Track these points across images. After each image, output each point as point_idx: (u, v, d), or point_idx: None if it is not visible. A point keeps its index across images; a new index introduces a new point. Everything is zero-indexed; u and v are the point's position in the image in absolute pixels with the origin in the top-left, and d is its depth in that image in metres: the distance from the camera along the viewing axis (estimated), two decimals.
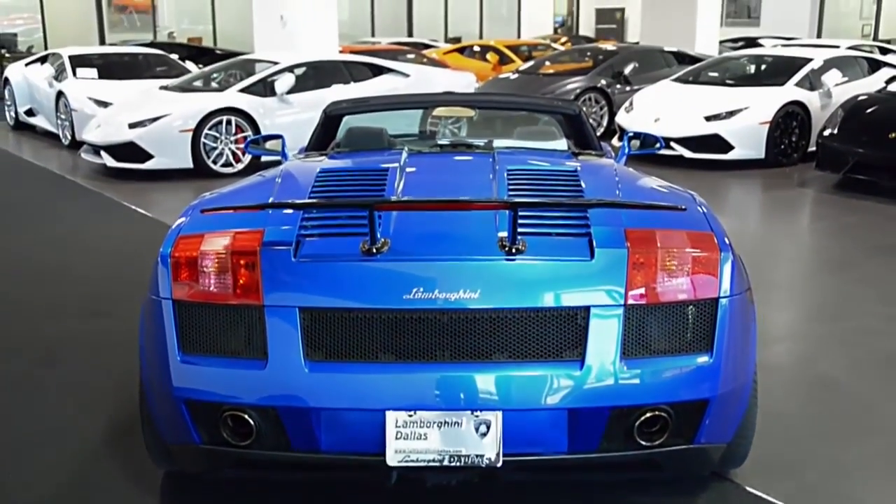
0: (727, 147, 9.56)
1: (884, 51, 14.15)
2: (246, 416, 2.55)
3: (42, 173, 9.87)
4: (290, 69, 9.92)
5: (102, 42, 19.25)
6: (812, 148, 9.44)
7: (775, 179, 9.23)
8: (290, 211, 2.76)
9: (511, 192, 2.97)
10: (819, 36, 21.18)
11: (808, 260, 6.62)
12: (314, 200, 2.92)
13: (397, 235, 2.65)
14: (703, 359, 2.58)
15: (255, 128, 9.36)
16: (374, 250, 2.58)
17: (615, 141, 10.47)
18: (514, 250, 2.57)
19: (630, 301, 2.54)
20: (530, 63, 14.21)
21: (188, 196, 8.14)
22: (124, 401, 3.76)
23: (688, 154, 9.64)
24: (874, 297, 5.36)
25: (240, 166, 9.37)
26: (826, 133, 8.64)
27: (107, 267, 6.05)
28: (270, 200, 2.97)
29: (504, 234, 2.62)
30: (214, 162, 9.27)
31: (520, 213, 2.56)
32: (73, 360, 4.36)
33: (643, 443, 2.57)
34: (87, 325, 4.88)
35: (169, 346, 2.62)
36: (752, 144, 9.57)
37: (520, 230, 2.58)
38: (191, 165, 9.16)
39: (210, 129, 9.19)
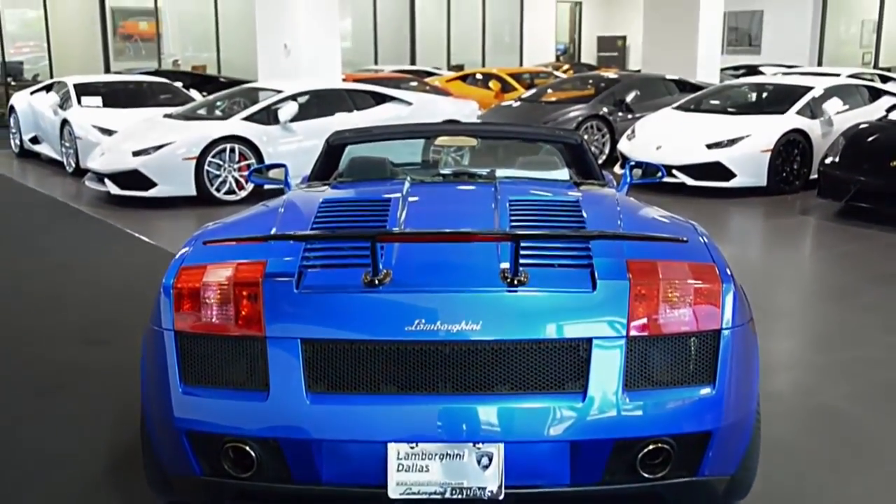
0: (729, 175, 9.59)
1: (884, 79, 14.24)
2: (247, 448, 2.54)
3: (46, 201, 9.91)
4: (294, 97, 9.98)
5: (108, 70, 19.39)
6: (814, 176, 9.46)
7: (777, 207, 9.25)
8: (292, 242, 2.77)
9: (513, 223, 2.98)
10: (820, 64, 21.29)
11: (810, 288, 6.62)
12: (316, 232, 2.93)
13: (399, 266, 2.66)
14: (705, 391, 2.57)
15: (259, 156, 9.41)
16: (377, 282, 2.58)
17: (617, 168, 10.51)
18: (515, 282, 2.57)
19: (632, 333, 2.54)
20: (532, 91, 14.28)
21: (191, 224, 8.18)
22: (125, 430, 3.75)
23: (690, 182, 9.67)
24: (876, 325, 5.36)
25: (243, 194, 9.42)
26: (827, 161, 8.66)
27: (109, 294, 6.05)
28: (273, 231, 2.99)
29: (506, 265, 2.62)
30: (218, 189, 9.31)
31: (522, 245, 2.57)
32: (75, 389, 4.35)
33: (646, 475, 2.55)
34: (88, 352, 4.88)
35: (170, 377, 2.62)
36: (753, 172, 9.60)
37: (522, 261, 2.58)
38: (194, 193, 9.20)
39: (214, 156, 9.24)
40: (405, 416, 2.49)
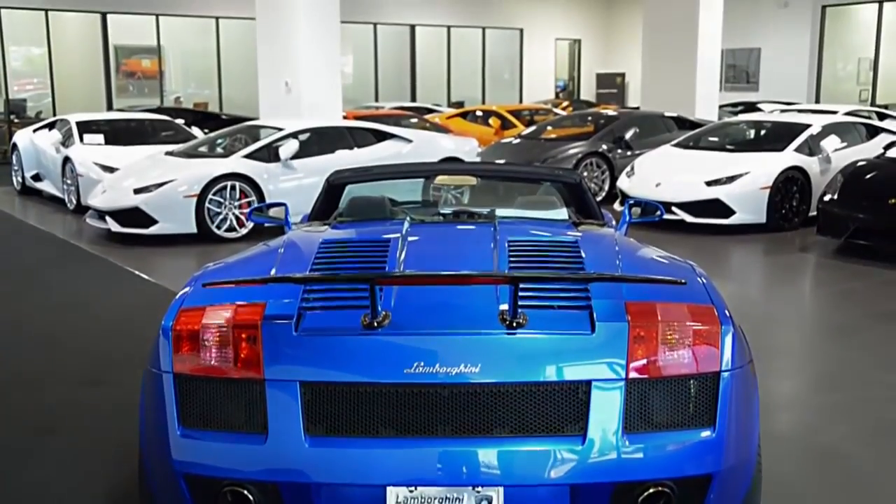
0: (728, 212, 9.62)
1: (881, 116, 14.30)
2: (245, 492, 2.52)
3: (47, 238, 9.93)
4: (295, 135, 10.03)
5: (110, 107, 19.52)
6: (813, 213, 9.49)
7: (776, 244, 9.26)
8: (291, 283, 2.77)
9: (512, 264, 2.99)
10: (817, 101, 21.41)
11: (810, 326, 6.61)
12: (315, 275, 2.93)
13: (398, 308, 2.66)
14: (705, 433, 2.56)
15: (260, 193, 9.44)
16: (376, 324, 2.58)
17: (616, 205, 10.54)
18: (514, 324, 2.57)
19: (631, 375, 2.54)
20: (532, 128, 14.35)
21: (192, 261, 8.20)
22: (123, 472, 3.73)
23: (689, 219, 9.70)
24: (876, 364, 5.34)
25: (243, 231, 9.44)
26: (826, 198, 8.69)
27: (110, 333, 6.04)
28: (273, 272, 3.00)
29: (505, 306, 2.62)
30: (218, 227, 9.33)
31: (520, 286, 2.57)
32: (73, 430, 4.33)
33: None
34: (87, 392, 4.86)
35: (169, 420, 2.61)
36: (752, 209, 9.63)
37: (521, 303, 2.59)
38: (195, 230, 9.22)
39: (214, 194, 9.27)
40: (404, 459, 2.48)
